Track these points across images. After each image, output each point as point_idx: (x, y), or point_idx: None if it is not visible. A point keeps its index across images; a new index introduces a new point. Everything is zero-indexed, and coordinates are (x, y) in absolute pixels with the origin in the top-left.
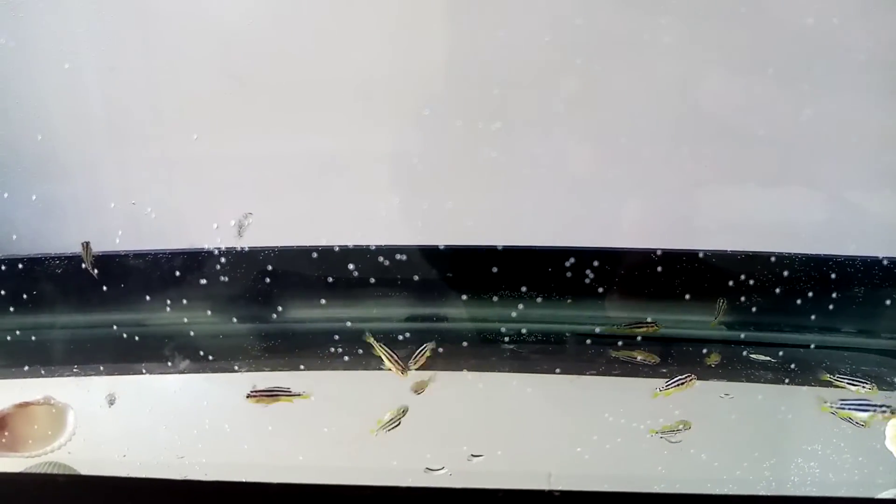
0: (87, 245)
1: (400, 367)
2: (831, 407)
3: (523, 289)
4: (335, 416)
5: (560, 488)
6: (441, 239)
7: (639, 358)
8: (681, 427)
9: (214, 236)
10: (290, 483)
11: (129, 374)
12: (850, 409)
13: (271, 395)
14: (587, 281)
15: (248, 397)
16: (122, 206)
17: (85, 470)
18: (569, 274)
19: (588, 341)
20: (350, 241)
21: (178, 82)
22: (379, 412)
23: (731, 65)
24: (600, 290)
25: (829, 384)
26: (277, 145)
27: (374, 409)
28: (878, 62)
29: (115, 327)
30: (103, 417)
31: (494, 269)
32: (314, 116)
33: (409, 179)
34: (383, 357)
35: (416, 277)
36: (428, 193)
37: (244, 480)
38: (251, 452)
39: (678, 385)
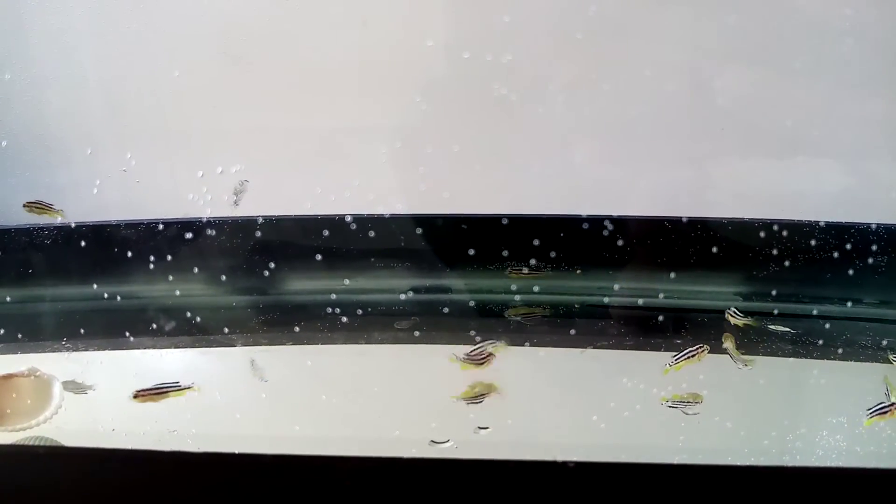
0: (35, 205)
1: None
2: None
3: (530, 258)
4: (332, 387)
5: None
6: (444, 208)
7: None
8: (691, 400)
9: (208, 206)
10: (286, 454)
11: (119, 348)
12: None
13: (158, 392)
14: (598, 250)
15: (134, 398)
16: (116, 178)
17: (71, 444)
18: (578, 243)
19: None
20: (352, 211)
21: (176, 59)
22: (375, 384)
23: (747, 38)
24: (612, 259)
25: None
26: (276, 119)
27: (369, 381)
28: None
29: (113, 299)
30: (91, 391)
31: (500, 239)
32: (314, 89)
33: (410, 152)
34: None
35: (420, 248)
36: (431, 162)
37: (237, 452)
38: (245, 423)
39: (689, 357)
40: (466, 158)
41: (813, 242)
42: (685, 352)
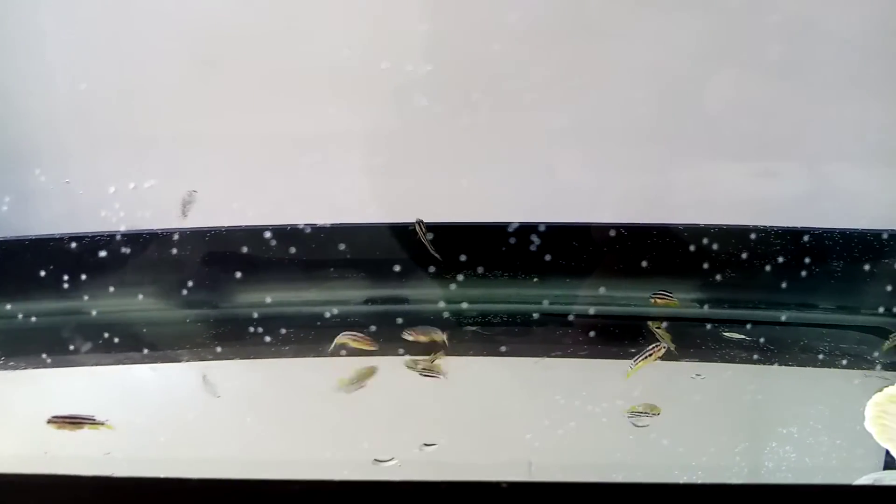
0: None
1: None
2: None
3: (483, 266)
4: (257, 407)
5: (512, 479)
6: (407, 216)
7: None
8: (649, 411)
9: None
10: (212, 479)
11: (64, 365)
12: None
13: (73, 422)
14: (554, 258)
15: (48, 422)
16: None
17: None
18: (533, 250)
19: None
20: (318, 221)
21: (147, 64)
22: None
23: (709, 43)
24: (568, 267)
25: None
26: (247, 127)
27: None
28: (858, 36)
29: (55, 316)
30: (32, 413)
31: (458, 247)
32: (284, 97)
33: (383, 158)
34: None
35: (377, 257)
36: (400, 172)
37: (159, 476)
38: (169, 445)
39: (646, 357)
40: (435, 166)
41: (768, 248)
42: (643, 352)
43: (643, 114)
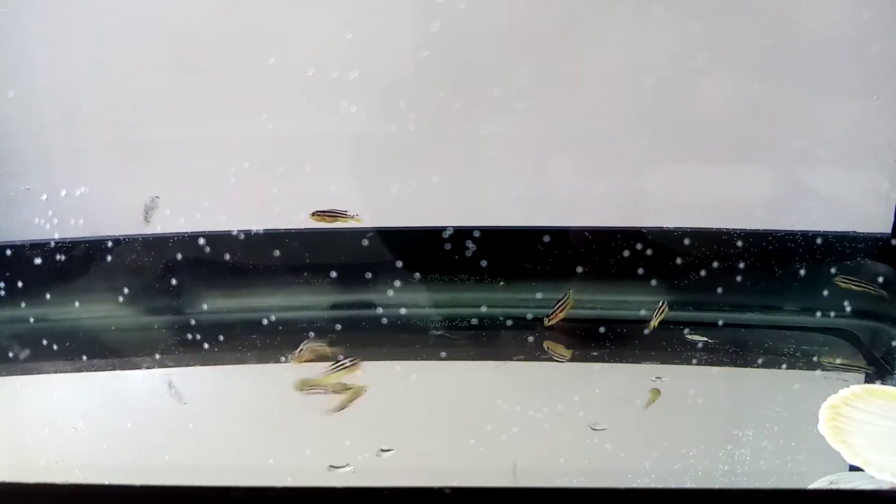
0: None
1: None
2: None
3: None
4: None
5: (455, 484)
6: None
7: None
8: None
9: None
10: (155, 485)
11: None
12: None
13: None
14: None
15: None
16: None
17: None
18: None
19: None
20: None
21: (128, 68)
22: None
23: (682, 47)
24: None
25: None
26: (229, 130)
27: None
28: (826, 39)
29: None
30: None
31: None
32: (266, 101)
33: (366, 163)
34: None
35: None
36: (379, 176)
37: (103, 483)
38: (111, 452)
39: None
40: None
41: (732, 249)
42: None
43: (620, 116)
